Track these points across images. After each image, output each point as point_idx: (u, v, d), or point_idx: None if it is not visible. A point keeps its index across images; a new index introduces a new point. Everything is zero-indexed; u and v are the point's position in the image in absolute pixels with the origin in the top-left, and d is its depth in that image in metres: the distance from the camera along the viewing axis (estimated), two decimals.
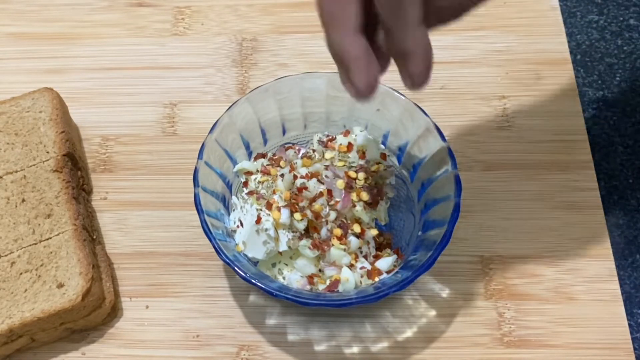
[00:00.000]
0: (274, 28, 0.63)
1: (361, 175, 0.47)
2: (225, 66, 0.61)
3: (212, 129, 0.48)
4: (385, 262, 0.46)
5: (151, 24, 0.64)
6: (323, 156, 0.49)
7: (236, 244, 0.47)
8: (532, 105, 0.57)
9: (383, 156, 0.49)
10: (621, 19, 0.63)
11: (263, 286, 0.43)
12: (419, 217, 0.48)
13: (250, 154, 0.51)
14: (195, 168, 0.46)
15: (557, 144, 0.55)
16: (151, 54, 0.62)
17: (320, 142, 0.50)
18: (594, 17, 0.63)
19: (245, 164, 0.50)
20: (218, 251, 0.44)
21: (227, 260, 0.43)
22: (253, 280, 0.43)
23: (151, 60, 0.61)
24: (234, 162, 0.50)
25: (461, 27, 0.61)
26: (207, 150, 0.47)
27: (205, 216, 0.45)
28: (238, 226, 0.47)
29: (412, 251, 0.47)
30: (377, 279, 0.46)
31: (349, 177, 0.47)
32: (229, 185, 0.49)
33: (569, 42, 0.61)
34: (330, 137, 0.50)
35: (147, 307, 0.50)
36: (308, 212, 0.46)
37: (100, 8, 0.65)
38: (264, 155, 0.51)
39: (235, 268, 0.43)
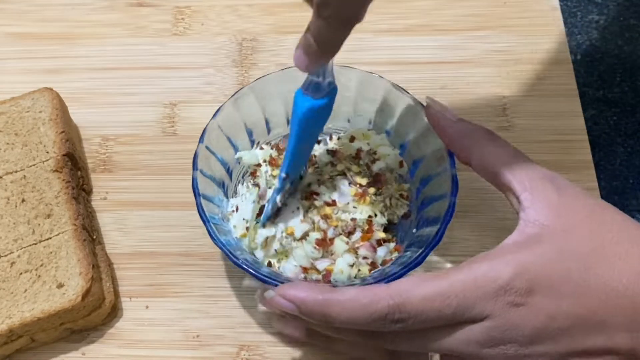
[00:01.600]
0: (274, 28, 0.63)
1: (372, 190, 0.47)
2: (225, 66, 0.61)
3: (216, 114, 0.48)
4: (382, 250, 0.47)
5: (151, 24, 0.64)
6: (334, 166, 0.49)
7: (242, 231, 0.47)
8: (532, 105, 0.57)
9: (400, 163, 0.50)
10: (621, 19, 0.63)
11: (254, 272, 0.42)
12: (415, 214, 0.48)
13: (252, 142, 0.51)
14: (196, 152, 0.46)
15: (557, 144, 0.55)
16: (151, 54, 0.62)
17: (330, 152, 0.50)
18: (594, 17, 0.63)
19: (247, 154, 0.50)
20: (211, 234, 0.43)
21: (220, 244, 0.43)
22: (244, 266, 0.43)
23: (151, 60, 0.61)
24: (236, 149, 0.50)
25: (461, 27, 0.62)
26: (209, 135, 0.47)
27: (202, 199, 0.45)
28: (233, 211, 0.48)
29: (405, 248, 0.47)
30: (371, 273, 0.46)
31: (360, 185, 0.47)
32: (229, 172, 0.49)
33: (569, 42, 0.61)
34: (335, 150, 0.50)
35: (147, 307, 0.50)
36: (316, 217, 0.46)
37: (100, 8, 0.65)
38: (267, 144, 0.51)
39: (228, 252, 0.43)
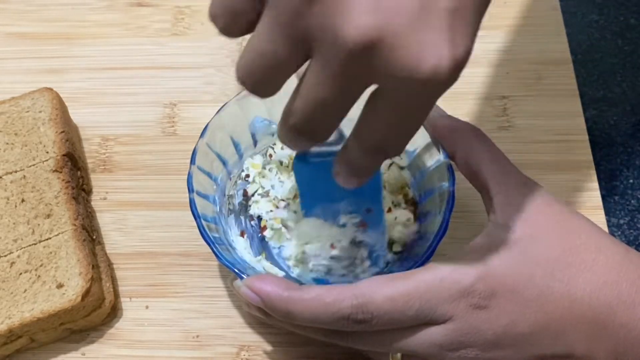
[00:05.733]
0: None
1: None
2: (225, 66, 0.61)
3: (219, 111, 0.48)
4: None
5: (151, 24, 0.64)
6: None
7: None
8: (532, 105, 0.57)
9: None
10: (621, 18, 0.63)
11: (239, 272, 0.42)
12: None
13: (255, 142, 0.51)
14: (195, 148, 0.47)
15: (557, 144, 0.55)
16: (151, 54, 0.62)
17: None
18: (594, 17, 0.63)
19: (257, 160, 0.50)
20: (201, 230, 0.44)
21: (209, 241, 0.43)
22: (230, 265, 0.43)
23: (151, 60, 0.61)
24: (238, 148, 0.50)
25: None
26: (210, 132, 0.47)
27: (196, 196, 0.45)
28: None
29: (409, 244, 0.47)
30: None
31: None
32: (229, 171, 0.50)
33: (569, 42, 0.61)
34: None
35: (147, 307, 0.50)
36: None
37: (100, 8, 0.65)
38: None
39: (216, 250, 0.43)
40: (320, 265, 0.46)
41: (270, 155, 0.50)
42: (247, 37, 0.64)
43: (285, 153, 0.50)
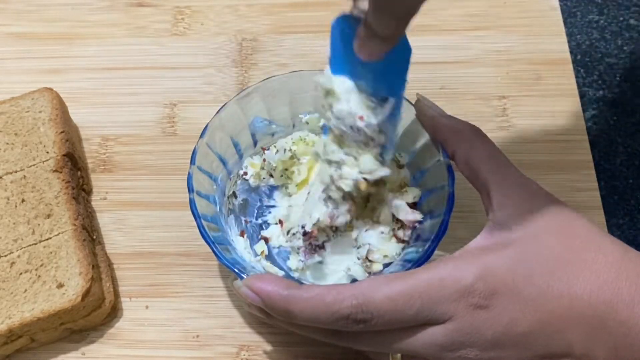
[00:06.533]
0: (274, 28, 0.63)
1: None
2: (225, 66, 0.61)
3: (219, 111, 0.48)
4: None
5: (151, 24, 0.64)
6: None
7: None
8: (532, 105, 0.57)
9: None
10: (621, 19, 0.63)
11: (239, 272, 0.42)
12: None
13: (255, 142, 0.51)
14: (195, 148, 0.47)
15: (557, 144, 0.55)
16: (151, 54, 0.62)
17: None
18: (594, 17, 0.63)
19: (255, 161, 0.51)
20: (201, 230, 0.44)
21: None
22: (230, 265, 0.43)
23: (151, 60, 0.61)
24: (238, 149, 0.50)
25: (461, 27, 0.62)
26: (210, 132, 0.47)
27: (196, 196, 0.45)
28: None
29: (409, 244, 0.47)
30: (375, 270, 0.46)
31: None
32: (228, 170, 0.50)
33: (569, 42, 0.61)
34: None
35: (147, 307, 0.50)
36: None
37: (100, 8, 0.65)
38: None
39: (215, 250, 0.43)
40: (340, 126, 0.43)
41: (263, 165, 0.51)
42: (246, 37, 0.64)
43: (275, 157, 0.50)
